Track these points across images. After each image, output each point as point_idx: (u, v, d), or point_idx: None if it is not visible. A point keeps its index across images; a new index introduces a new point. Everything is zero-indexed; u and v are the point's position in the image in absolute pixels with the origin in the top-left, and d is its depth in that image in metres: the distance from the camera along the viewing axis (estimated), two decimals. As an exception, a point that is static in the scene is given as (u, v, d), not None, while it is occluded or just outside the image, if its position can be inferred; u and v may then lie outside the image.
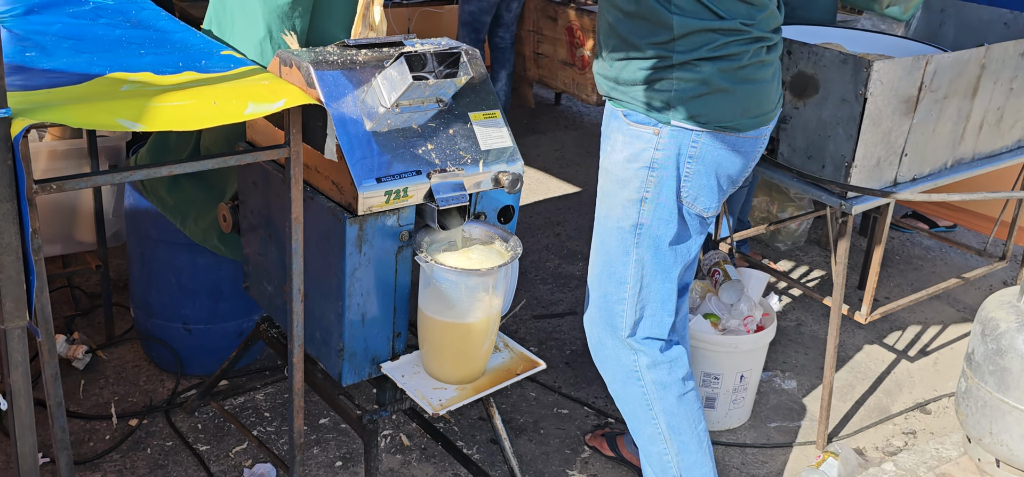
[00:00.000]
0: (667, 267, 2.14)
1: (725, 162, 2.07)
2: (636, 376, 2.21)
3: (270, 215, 2.17)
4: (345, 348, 2.03)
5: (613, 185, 2.11)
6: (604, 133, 2.16)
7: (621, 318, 2.18)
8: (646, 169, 2.04)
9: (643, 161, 2.04)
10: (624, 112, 2.06)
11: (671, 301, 2.18)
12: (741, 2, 1.94)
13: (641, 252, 2.11)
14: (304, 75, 1.93)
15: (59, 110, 1.51)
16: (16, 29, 2.04)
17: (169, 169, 1.72)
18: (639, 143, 2.04)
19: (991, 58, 2.69)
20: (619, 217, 2.11)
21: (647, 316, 2.17)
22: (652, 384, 2.20)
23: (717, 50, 1.94)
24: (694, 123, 1.99)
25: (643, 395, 2.21)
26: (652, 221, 2.08)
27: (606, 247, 2.16)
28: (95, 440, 2.60)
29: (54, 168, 2.88)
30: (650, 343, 2.19)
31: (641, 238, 2.10)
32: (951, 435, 2.95)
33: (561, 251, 4.05)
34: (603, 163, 2.15)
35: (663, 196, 2.06)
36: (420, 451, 2.68)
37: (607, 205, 2.14)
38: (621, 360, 2.22)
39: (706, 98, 1.97)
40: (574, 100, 6.36)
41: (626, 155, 2.06)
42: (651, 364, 2.19)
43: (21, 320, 1.52)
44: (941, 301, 3.87)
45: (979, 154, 2.91)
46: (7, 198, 1.44)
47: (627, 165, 2.06)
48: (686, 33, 1.92)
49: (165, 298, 2.81)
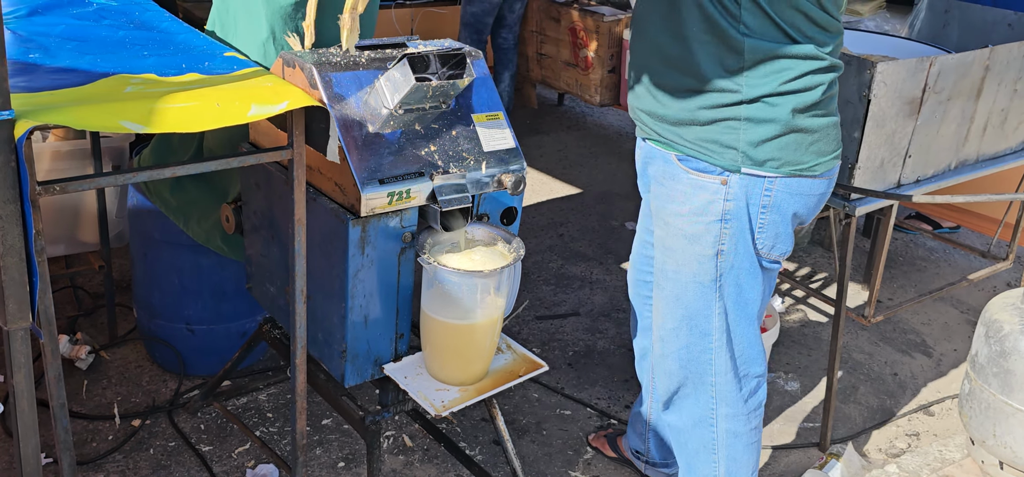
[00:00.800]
0: (752, 314, 2.01)
1: (801, 207, 1.91)
2: (710, 422, 2.11)
3: (273, 216, 2.17)
4: (348, 349, 2.03)
5: (680, 240, 1.94)
6: (654, 177, 1.98)
7: (709, 366, 2.05)
8: (718, 222, 1.86)
9: (713, 214, 1.86)
10: (679, 156, 1.88)
11: (759, 342, 2.05)
12: (814, 24, 1.76)
13: (725, 302, 1.97)
14: (307, 76, 1.93)
15: (62, 112, 1.51)
16: (20, 30, 2.05)
17: (172, 170, 1.72)
18: (705, 194, 1.86)
19: (995, 59, 2.68)
20: (696, 272, 1.95)
21: (737, 362, 2.06)
22: (724, 432, 2.11)
23: (791, 83, 1.76)
24: (766, 170, 1.81)
25: (711, 440, 2.13)
26: (732, 272, 1.93)
27: (683, 302, 2.00)
28: (98, 440, 2.60)
29: (58, 169, 2.88)
30: (735, 391, 2.08)
31: (723, 290, 1.95)
32: (954, 437, 2.95)
33: (564, 252, 4.04)
34: (660, 212, 1.97)
35: (740, 247, 1.90)
36: (422, 452, 2.68)
37: (677, 260, 1.97)
38: (699, 404, 2.11)
39: (780, 141, 1.78)
40: (577, 101, 6.36)
41: (691, 207, 1.89)
42: (730, 414, 2.10)
43: (24, 321, 1.52)
44: (945, 302, 3.87)
45: (983, 156, 2.90)
46: (10, 200, 1.44)
47: (695, 219, 1.89)
48: (757, 61, 1.73)
49: (168, 299, 2.81)
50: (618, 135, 5.80)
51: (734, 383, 2.08)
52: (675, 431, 2.22)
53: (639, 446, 2.54)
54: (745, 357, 2.07)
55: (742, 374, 2.09)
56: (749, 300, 1.99)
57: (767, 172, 1.82)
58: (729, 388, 2.08)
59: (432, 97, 1.97)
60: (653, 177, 2.01)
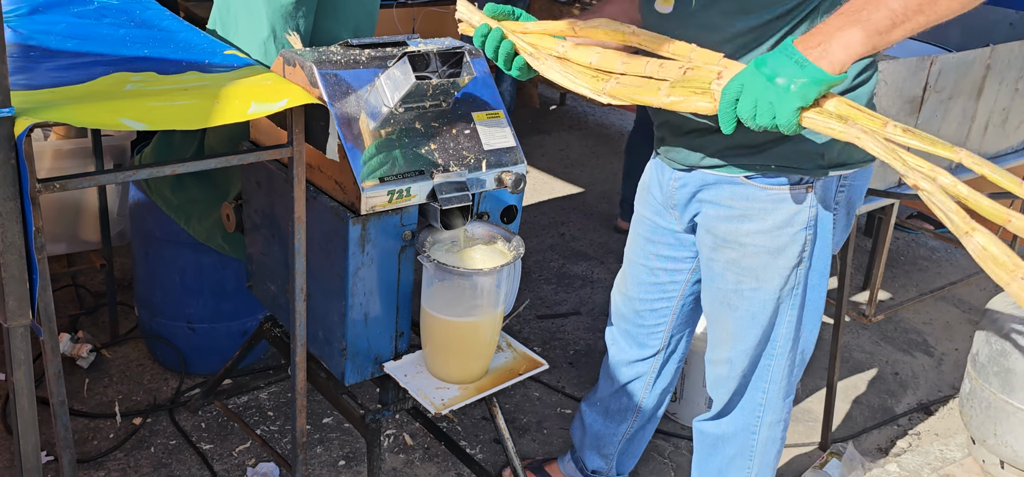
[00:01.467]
0: (817, 316, 2.00)
1: (859, 197, 1.92)
2: (753, 430, 2.09)
3: (273, 214, 2.18)
4: (348, 347, 2.03)
5: (763, 257, 1.87)
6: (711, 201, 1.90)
7: (766, 375, 2.03)
8: (804, 230, 1.83)
9: (800, 223, 1.83)
10: (748, 175, 1.82)
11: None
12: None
13: (799, 309, 1.95)
14: (307, 75, 1.93)
15: (63, 109, 1.51)
16: (21, 28, 2.05)
17: (173, 168, 1.72)
18: (788, 206, 1.81)
19: (997, 58, 2.68)
20: (777, 286, 1.90)
21: (793, 368, 2.04)
22: (764, 439, 2.10)
23: (862, 74, 1.77)
24: (846, 167, 1.81)
25: (751, 447, 2.11)
26: (812, 277, 1.92)
27: (760, 320, 1.94)
28: (99, 439, 2.61)
29: (58, 167, 2.88)
30: (781, 399, 2.06)
31: (799, 297, 1.93)
32: (955, 436, 2.95)
33: (565, 251, 4.05)
34: (732, 236, 1.89)
35: (819, 247, 1.89)
36: (423, 450, 2.68)
37: (757, 278, 1.90)
38: (746, 412, 2.09)
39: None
40: (579, 100, 6.35)
41: (774, 223, 1.84)
42: (773, 421, 2.08)
43: (24, 319, 1.52)
44: (946, 302, 3.86)
45: (985, 154, 2.90)
46: (10, 197, 1.45)
47: (779, 233, 1.84)
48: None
49: (169, 297, 2.81)
50: (620, 135, 5.80)
51: (783, 390, 2.06)
52: (712, 438, 2.17)
53: (599, 466, 2.45)
54: (805, 353, 2.05)
55: (795, 377, 2.07)
56: (821, 297, 1.99)
57: (846, 169, 1.83)
58: (777, 395, 2.06)
59: (432, 95, 1.97)
60: (709, 202, 1.91)
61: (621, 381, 2.33)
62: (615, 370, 2.34)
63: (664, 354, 2.29)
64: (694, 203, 1.96)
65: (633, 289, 2.23)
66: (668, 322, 2.23)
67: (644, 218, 2.16)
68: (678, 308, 2.20)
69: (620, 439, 2.41)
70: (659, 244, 2.13)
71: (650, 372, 2.31)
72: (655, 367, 2.30)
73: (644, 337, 2.26)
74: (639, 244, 2.19)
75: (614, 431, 2.40)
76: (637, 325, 2.26)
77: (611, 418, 2.39)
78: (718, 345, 2.06)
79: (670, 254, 2.13)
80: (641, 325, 2.25)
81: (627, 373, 2.32)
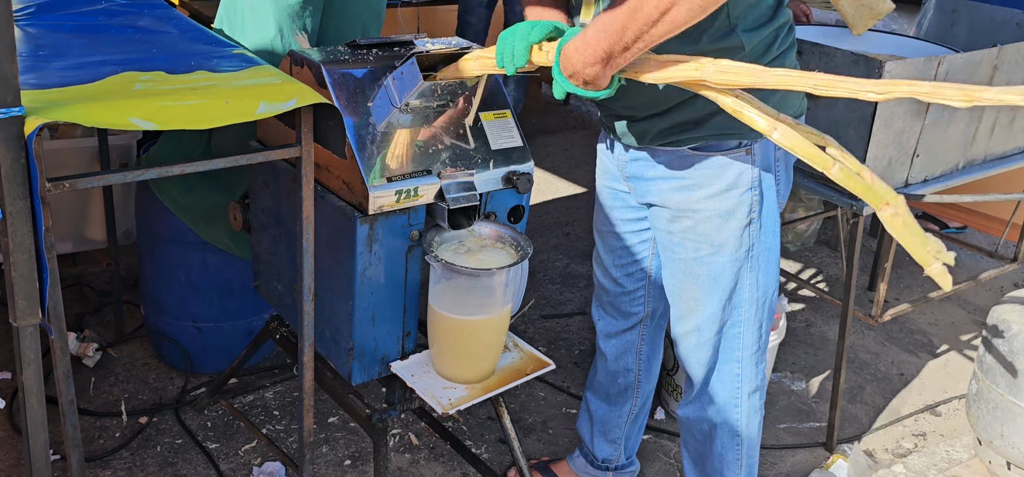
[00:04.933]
0: (775, 272, 2.07)
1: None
2: (735, 404, 2.13)
3: (280, 214, 2.18)
4: (355, 347, 2.03)
5: (715, 221, 1.96)
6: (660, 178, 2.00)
7: (737, 343, 2.08)
8: (749, 190, 1.93)
9: (744, 184, 1.92)
10: (694, 147, 1.92)
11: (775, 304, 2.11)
12: None
13: (757, 270, 2.02)
14: (315, 74, 1.93)
15: (72, 109, 1.52)
16: (30, 27, 2.05)
17: (181, 168, 1.72)
18: (734, 169, 1.92)
19: (1004, 59, 2.68)
20: (733, 248, 1.98)
21: (761, 330, 2.09)
22: (746, 412, 2.13)
23: (782, 46, 1.86)
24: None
25: (736, 424, 2.14)
26: (763, 235, 1.99)
27: (721, 283, 2.02)
28: (105, 437, 2.61)
29: (65, 165, 2.89)
30: (754, 366, 2.10)
31: (755, 257, 2.00)
32: (962, 437, 2.94)
33: (570, 251, 4.05)
34: (684, 205, 1.98)
35: (766, 206, 1.97)
36: (429, 450, 2.68)
37: (712, 242, 1.99)
38: (725, 387, 2.12)
39: (782, 94, 1.86)
40: (582, 100, 6.35)
41: (721, 187, 1.93)
42: (751, 391, 2.12)
43: (34, 318, 1.52)
44: (952, 303, 3.86)
45: (991, 155, 2.90)
46: (20, 196, 1.45)
47: (726, 196, 1.94)
48: (755, 44, 1.81)
49: (175, 296, 2.81)
50: (624, 134, 5.79)
51: (755, 356, 2.11)
52: (697, 423, 2.19)
53: (608, 453, 2.50)
54: (767, 316, 2.10)
55: (762, 343, 2.11)
56: (775, 255, 2.05)
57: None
58: (751, 362, 2.11)
59: (440, 95, 1.97)
60: (660, 177, 2.00)
61: (612, 356, 2.40)
62: (605, 344, 2.40)
63: (649, 321, 2.35)
64: (646, 180, 2.04)
65: (607, 258, 2.30)
66: (645, 286, 2.29)
67: (605, 187, 2.23)
68: (652, 272, 2.26)
69: (625, 420, 2.46)
70: (622, 209, 2.20)
71: (638, 341, 2.37)
72: (641, 335, 2.36)
73: (626, 305, 2.33)
74: (604, 213, 2.27)
75: (619, 413, 2.46)
76: (618, 294, 2.32)
77: (613, 402, 2.45)
78: (684, 317, 2.11)
79: (633, 217, 2.19)
80: (622, 293, 2.32)
81: (617, 346, 2.38)
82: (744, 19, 1.77)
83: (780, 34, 1.87)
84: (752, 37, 1.79)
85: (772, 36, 1.84)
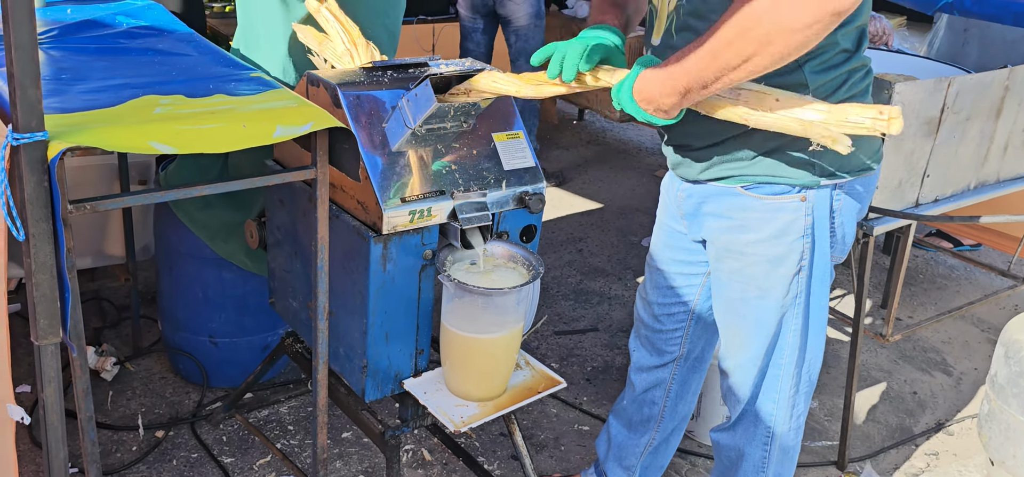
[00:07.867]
0: (825, 320, 2.05)
1: (863, 203, 1.98)
2: (764, 442, 2.13)
3: (296, 232, 2.21)
4: (369, 364, 2.05)
5: (763, 265, 1.95)
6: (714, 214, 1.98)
7: (776, 384, 2.08)
8: (801, 239, 1.90)
9: (796, 233, 1.90)
10: (745, 186, 1.89)
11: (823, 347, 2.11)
12: (857, 29, 1.81)
13: (803, 318, 2.01)
14: (331, 96, 1.97)
15: (94, 132, 1.55)
16: (53, 50, 2.10)
17: (200, 190, 1.76)
18: (785, 215, 1.89)
19: (1015, 79, 2.68)
20: (780, 295, 1.97)
21: (801, 376, 2.08)
22: (777, 449, 2.13)
23: (853, 88, 1.82)
24: (841, 175, 1.87)
25: (764, 459, 2.14)
26: (813, 285, 1.97)
27: (766, 327, 2.01)
28: (122, 451, 2.64)
29: (85, 182, 2.93)
30: (790, 408, 2.10)
31: (802, 305, 1.99)
32: (974, 458, 2.93)
33: (583, 267, 4.06)
34: (733, 246, 1.97)
35: (818, 257, 1.94)
36: (441, 466, 2.70)
37: (760, 286, 1.97)
38: (759, 424, 2.12)
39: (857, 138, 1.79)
40: (597, 116, 6.38)
41: (771, 232, 1.91)
42: (785, 431, 2.12)
43: (55, 337, 1.56)
44: (965, 321, 3.85)
45: (1004, 176, 2.90)
46: (43, 218, 1.48)
47: (776, 242, 1.91)
48: (821, 84, 1.78)
49: (192, 311, 2.85)
50: (637, 150, 5.81)
51: (792, 398, 2.10)
52: (727, 449, 2.21)
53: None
54: (812, 366, 2.09)
55: (803, 389, 2.10)
56: (824, 307, 2.03)
57: (839, 178, 1.88)
58: (787, 405, 2.10)
59: (453, 117, 2.00)
60: (712, 214, 1.99)
61: (641, 388, 2.39)
62: (635, 376, 2.39)
63: (683, 362, 2.33)
64: (700, 216, 2.03)
65: (652, 294, 2.29)
66: (685, 328, 2.27)
67: (663, 224, 2.23)
68: (695, 314, 2.24)
69: (642, 451, 2.44)
70: (676, 249, 2.19)
71: (669, 380, 2.34)
72: (673, 375, 2.34)
73: (662, 343, 2.31)
74: (658, 249, 2.26)
75: (636, 442, 2.44)
76: (656, 330, 2.31)
77: (634, 429, 2.43)
78: (729, 352, 2.12)
79: (686, 259, 2.18)
80: (660, 330, 2.30)
81: (647, 380, 2.37)
82: (812, 59, 1.75)
83: (853, 76, 1.82)
84: (818, 77, 1.76)
85: (843, 77, 1.80)
